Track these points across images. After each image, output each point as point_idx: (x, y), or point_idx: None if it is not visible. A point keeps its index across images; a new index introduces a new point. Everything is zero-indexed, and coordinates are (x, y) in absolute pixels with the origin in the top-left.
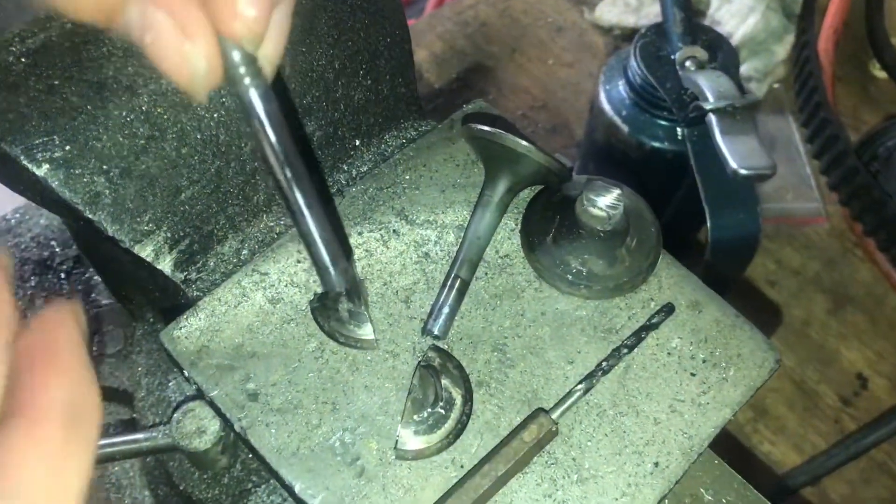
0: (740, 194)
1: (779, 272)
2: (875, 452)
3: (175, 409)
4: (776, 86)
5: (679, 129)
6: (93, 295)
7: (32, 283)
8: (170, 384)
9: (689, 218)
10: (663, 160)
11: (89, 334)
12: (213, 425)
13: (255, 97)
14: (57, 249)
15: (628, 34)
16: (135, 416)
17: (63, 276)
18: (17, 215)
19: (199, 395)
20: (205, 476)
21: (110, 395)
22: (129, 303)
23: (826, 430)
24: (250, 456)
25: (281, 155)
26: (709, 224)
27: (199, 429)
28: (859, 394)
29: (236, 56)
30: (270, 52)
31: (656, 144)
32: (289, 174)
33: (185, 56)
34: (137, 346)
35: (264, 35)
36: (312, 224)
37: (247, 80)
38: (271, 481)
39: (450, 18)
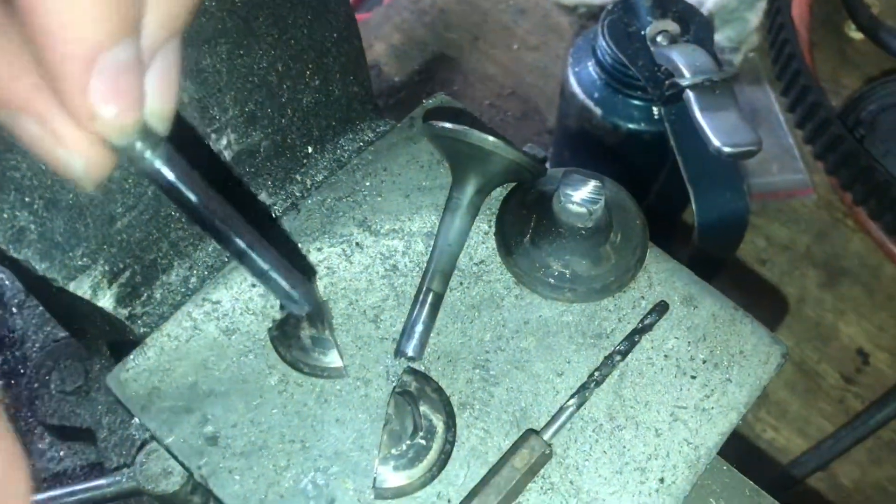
0: (725, 173)
1: (768, 249)
2: (882, 431)
3: (139, 450)
4: (751, 55)
5: (655, 109)
6: (48, 328)
7: None
8: (133, 422)
9: (672, 200)
10: (641, 142)
11: (48, 370)
12: None
13: (159, 166)
14: (7, 283)
15: (594, 12)
16: (99, 457)
17: (15, 310)
18: None
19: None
20: None
21: (72, 435)
22: (83, 336)
23: (830, 412)
24: None
25: (205, 211)
26: (694, 207)
27: (165, 470)
28: (861, 370)
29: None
30: (159, 110)
31: (632, 126)
32: (219, 225)
33: (63, 159)
34: (97, 382)
35: (139, 120)
36: (260, 261)
37: (146, 154)
38: None
39: (406, 7)
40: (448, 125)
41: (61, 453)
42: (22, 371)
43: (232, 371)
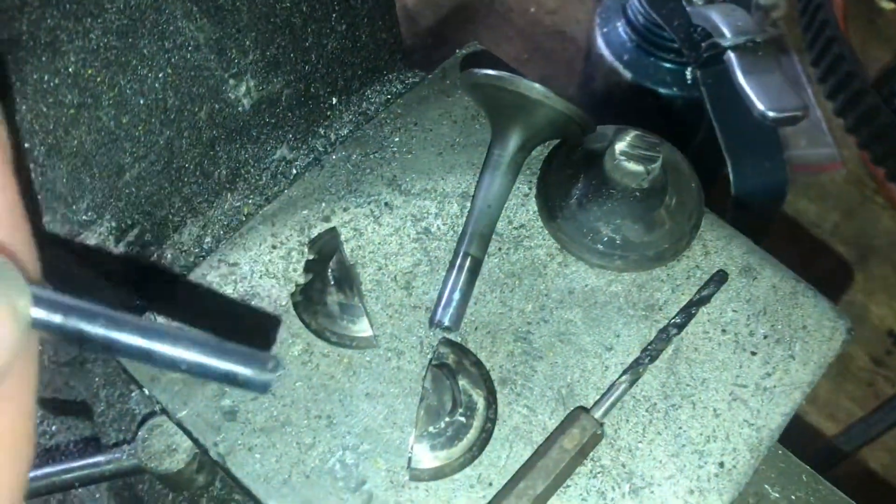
0: (764, 141)
1: (795, 225)
2: None
3: (140, 425)
4: (779, 22)
5: (689, 73)
6: None
7: None
8: (132, 395)
9: (705, 169)
10: (673, 108)
11: (40, 340)
12: (186, 441)
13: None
14: None
15: None
16: (95, 432)
17: None
18: None
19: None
20: (180, 498)
21: (66, 408)
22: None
23: (860, 395)
24: None
25: (116, 340)
26: (731, 176)
27: (169, 447)
28: (892, 352)
29: None
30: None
31: (664, 91)
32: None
33: None
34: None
35: None
36: (184, 349)
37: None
38: None
39: None
40: (490, 72)
41: (54, 428)
42: None
43: None
